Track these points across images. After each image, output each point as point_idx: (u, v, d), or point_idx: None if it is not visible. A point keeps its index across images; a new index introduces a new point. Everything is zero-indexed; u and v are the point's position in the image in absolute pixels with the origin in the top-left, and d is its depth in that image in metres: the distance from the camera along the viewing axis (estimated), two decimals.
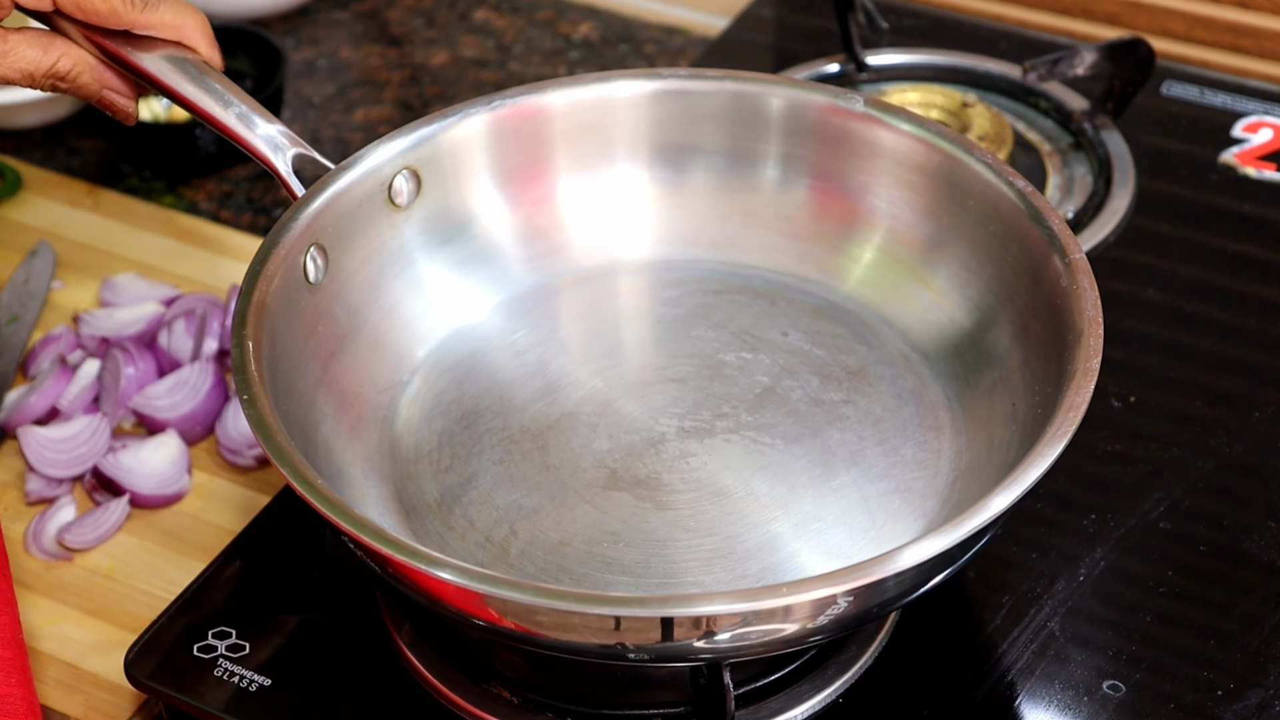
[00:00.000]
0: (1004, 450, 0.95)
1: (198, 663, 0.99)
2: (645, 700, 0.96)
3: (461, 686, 0.97)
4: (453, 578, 0.81)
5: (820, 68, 1.39)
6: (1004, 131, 1.29)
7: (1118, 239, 1.25)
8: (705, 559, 0.95)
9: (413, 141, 1.05)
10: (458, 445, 1.02)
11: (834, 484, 0.99)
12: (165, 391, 1.18)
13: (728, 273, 1.11)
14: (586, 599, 0.82)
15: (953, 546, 0.83)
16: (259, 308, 0.94)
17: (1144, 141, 1.34)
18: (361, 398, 1.02)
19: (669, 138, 1.11)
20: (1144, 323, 1.20)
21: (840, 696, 0.97)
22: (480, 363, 1.06)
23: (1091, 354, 0.90)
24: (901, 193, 1.07)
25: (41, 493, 1.15)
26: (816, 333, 1.07)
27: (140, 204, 1.40)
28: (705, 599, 0.81)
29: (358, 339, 1.03)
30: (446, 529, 0.97)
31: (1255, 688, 0.98)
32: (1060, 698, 0.98)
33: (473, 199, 1.09)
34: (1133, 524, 1.06)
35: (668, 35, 1.58)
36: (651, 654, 0.84)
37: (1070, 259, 0.95)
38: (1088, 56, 1.32)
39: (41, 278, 1.31)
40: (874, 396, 1.03)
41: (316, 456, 0.94)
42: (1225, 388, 1.16)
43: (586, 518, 0.97)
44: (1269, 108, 1.36)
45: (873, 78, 1.39)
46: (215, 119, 0.98)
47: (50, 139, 1.47)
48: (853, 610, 0.84)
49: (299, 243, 0.99)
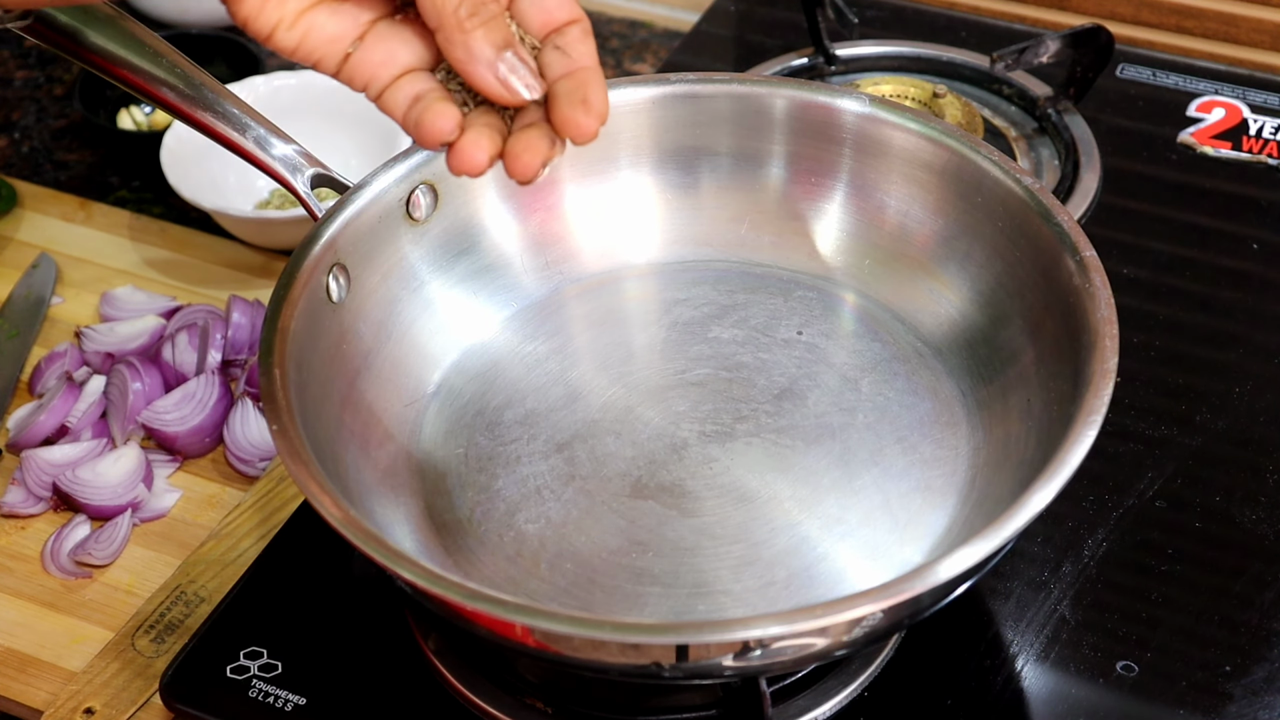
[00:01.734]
0: (1021, 446, 0.91)
1: (232, 684, 0.94)
2: (678, 705, 0.91)
3: (494, 698, 0.92)
4: (492, 611, 0.77)
5: (789, 61, 1.34)
6: (975, 120, 1.24)
7: (1090, 219, 1.22)
8: (733, 566, 0.90)
9: (428, 156, 0.99)
10: (484, 459, 0.97)
11: (856, 485, 0.94)
12: (173, 405, 1.13)
13: (739, 273, 1.07)
14: (629, 629, 0.78)
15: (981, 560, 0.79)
16: (284, 333, 0.89)
17: (1105, 124, 1.30)
18: (388, 413, 0.97)
19: (674, 142, 1.06)
20: (1123, 298, 1.14)
21: (865, 690, 0.93)
22: (500, 374, 1.01)
23: (1108, 355, 0.86)
24: (910, 190, 1.02)
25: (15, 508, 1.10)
26: (830, 331, 1.03)
27: (132, 216, 1.34)
28: (743, 624, 0.76)
29: (381, 354, 0.98)
30: (478, 544, 0.92)
31: (1261, 662, 0.95)
32: (1077, 680, 0.94)
33: (485, 210, 1.04)
34: (1130, 504, 1.03)
35: (631, 30, 1.53)
36: (686, 673, 0.79)
37: (1081, 256, 0.91)
38: (1051, 45, 1.28)
39: (43, 291, 1.24)
40: (890, 394, 0.99)
41: (347, 478, 0.90)
42: (1207, 361, 1.13)
43: (614, 528, 0.93)
44: (1218, 87, 1.34)
45: (842, 70, 1.34)
46: (233, 142, 0.93)
47: (37, 153, 1.40)
48: (887, 622, 0.80)
49: (321, 263, 0.94)
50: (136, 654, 1.00)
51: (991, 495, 0.90)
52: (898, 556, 0.90)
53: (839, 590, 0.89)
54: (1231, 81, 1.33)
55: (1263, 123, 1.29)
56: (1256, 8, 1.39)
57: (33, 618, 1.04)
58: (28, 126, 1.44)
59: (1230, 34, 1.40)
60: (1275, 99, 1.31)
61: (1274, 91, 1.32)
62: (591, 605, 0.89)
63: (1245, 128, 1.29)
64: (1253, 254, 1.20)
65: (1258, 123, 1.29)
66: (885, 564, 0.90)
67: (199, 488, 1.12)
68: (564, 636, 0.77)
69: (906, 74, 1.33)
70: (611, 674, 0.81)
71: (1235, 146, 1.28)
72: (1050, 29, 1.40)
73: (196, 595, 1.03)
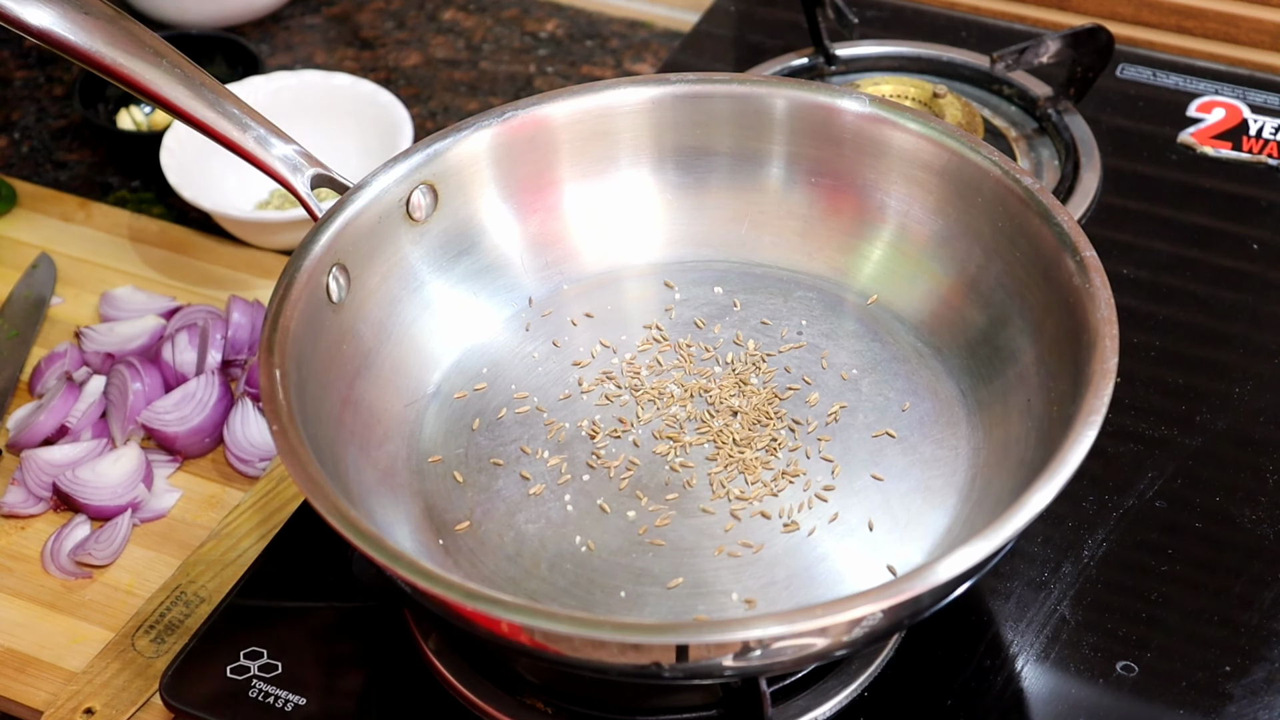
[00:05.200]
0: (1021, 446, 0.91)
1: (232, 684, 0.94)
2: (678, 705, 0.91)
3: (494, 698, 0.92)
4: (492, 611, 0.77)
5: (789, 61, 1.34)
6: (975, 120, 1.24)
7: (1090, 219, 1.22)
8: (734, 566, 0.90)
9: (428, 156, 1.00)
10: (484, 459, 0.97)
11: (855, 485, 0.94)
12: (173, 405, 1.12)
13: (740, 273, 1.06)
14: (629, 629, 0.78)
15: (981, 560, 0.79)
16: (285, 333, 0.89)
17: (1105, 124, 1.30)
18: (388, 414, 0.97)
19: (674, 142, 1.06)
20: (1123, 298, 1.15)
21: (865, 690, 0.93)
22: (500, 374, 1.01)
23: (1108, 355, 0.86)
24: (910, 190, 1.02)
25: (15, 508, 1.10)
26: (830, 331, 1.03)
27: (132, 216, 1.33)
28: (743, 624, 0.76)
29: (381, 354, 0.98)
30: (478, 544, 0.92)
31: (1261, 662, 0.95)
32: (1077, 680, 0.94)
33: (485, 210, 1.03)
34: (1130, 504, 1.03)
35: (631, 30, 1.52)
36: (686, 673, 0.79)
37: (1081, 256, 0.91)
38: (1052, 45, 1.27)
39: (43, 291, 1.24)
40: (889, 393, 0.99)
41: (347, 478, 0.90)
42: (1207, 361, 1.13)
43: (614, 528, 0.93)
44: (1218, 87, 1.33)
45: (842, 70, 1.34)
46: (233, 142, 0.93)
47: (37, 153, 1.40)
48: (887, 622, 0.80)
49: (321, 263, 0.94)
50: (136, 654, 1.00)
51: (991, 495, 0.90)
52: (898, 556, 0.90)
53: (839, 590, 0.89)
54: (1231, 82, 1.33)
55: (1263, 123, 1.29)
56: (1256, 8, 1.39)
57: (33, 618, 1.04)
58: (28, 126, 1.44)
59: (1230, 34, 1.40)
60: (1275, 99, 1.31)
61: (1274, 91, 1.32)
62: (591, 605, 0.89)
63: (1245, 128, 1.29)
64: (1253, 254, 1.20)
65: (1258, 123, 1.29)
66: (885, 564, 0.90)
67: (199, 488, 1.12)
68: (564, 636, 0.77)
69: (906, 74, 1.33)
70: (611, 674, 0.81)
71: (1235, 147, 1.28)
72: (1050, 29, 1.40)
73: (196, 595, 1.03)
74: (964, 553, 0.78)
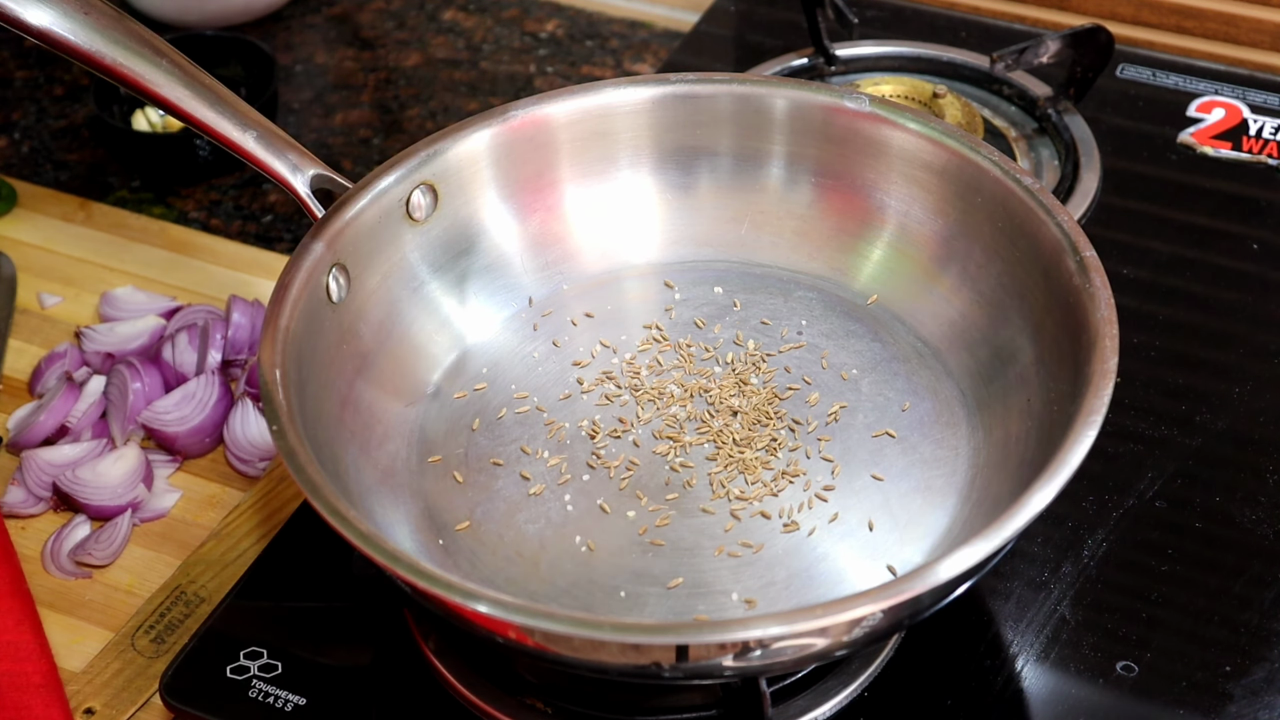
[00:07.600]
0: (1021, 446, 0.91)
1: (232, 684, 0.94)
2: (678, 705, 0.91)
3: (494, 698, 0.92)
4: (492, 611, 0.77)
5: (789, 61, 1.34)
6: (974, 120, 1.24)
7: (1090, 219, 1.22)
8: (733, 566, 0.90)
9: (428, 156, 1.00)
10: (484, 459, 0.97)
11: (855, 485, 0.94)
12: (173, 405, 1.12)
13: (740, 273, 1.06)
14: (629, 629, 0.78)
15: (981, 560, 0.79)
16: (285, 333, 0.89)
17: (1105, 124, 1.30)
18: (387, 413, 0.97)
19: (674, 142, 1.06)
20: (1123, 298, 1.15)
21: (865, 690, 0.93)
22: (500, 374, 1.01)
23: (1108, 355, 0.86)
24: (910, 190, 1.02)
25: (15, 508, 1.10)
26: (830, 331, 1.03)
27: (132, 216, 1.33)
28: (743, 624, 0.76)
29: (380, 354, 0.98)
30: (478, 544, 0.92)
31: (1261, 662, 0.95)
32: (1077, 680, 0.94)
33: (485, 210, 1.04)
34: (1130, 504, 1.03)
35: (631, 30, 1.52)
36: (686, 673, 0.79)
37: (1081, 256, 0.91)
38: (1052, 45, 1.27)
39: (6, 290, 1.24)
40: (890, 393, 0.99)
41: (347, 478, 0.90)
42: (1206, 361, 1.13)
43: (614, 528, 0.93)
44: (1218, 87, 1.33)
45: (842, 70, 1.34)
46: (233, 142, 0.93)
47: (37, 153, 1.40)
48: (887, 622, 0.80)
49: (321, 263, 0.94)
50: (136, 654, 1.00)
51: (991, 495, 0.90)
52: (898, 556, 0.90)
53: (839, 590, 0.89)
54: (1231, 82, 1.33)
55: (1263, 123, 1.29)
56: (1256, 8, 1.39)
57: None
58: (28, 126, 1.44)
59: (1230, 34, 1.40)
60: (1275, 99, 1.31)
61: (1274, 91, 1.32)
62: (591, 605, 0.89)
63: (1245, 128, 1.29)
64: (1253, 254, 1.20)
65: (1258, 123, 1.29)
66: (885, 564, 0.90)
67: (199, 488, 1.12)
68: (564, 636, 0.77)
69: (906, 74, 1.33)
70: (611, 674, 0.81)
71: (1235, 147, 1.28)
72: (1050, 29, 1.40)
73: (196, 595, 1.03)
74: (964, 553, 0.78)
